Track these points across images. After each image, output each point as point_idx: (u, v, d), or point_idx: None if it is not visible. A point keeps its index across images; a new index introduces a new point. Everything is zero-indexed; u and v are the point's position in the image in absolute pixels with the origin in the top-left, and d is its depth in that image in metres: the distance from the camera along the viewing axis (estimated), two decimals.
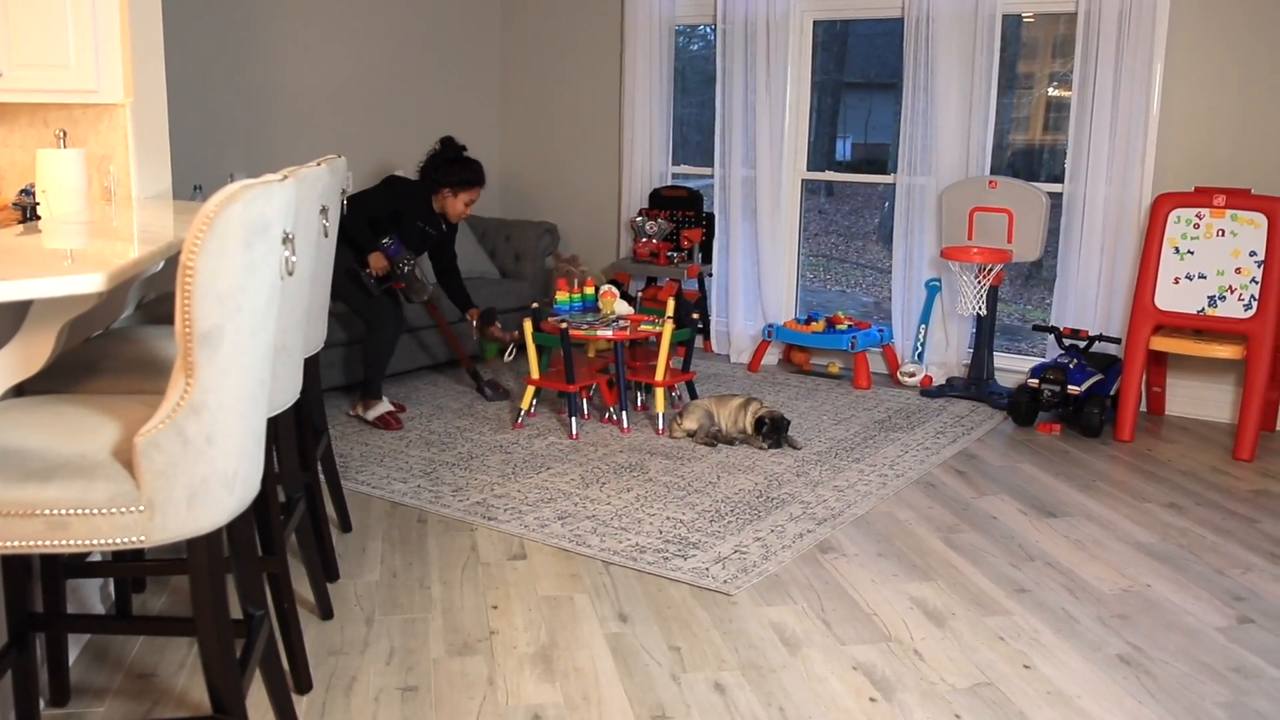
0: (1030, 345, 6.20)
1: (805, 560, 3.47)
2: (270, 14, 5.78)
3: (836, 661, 2.83)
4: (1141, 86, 5.08)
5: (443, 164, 5.01)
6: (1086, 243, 5.30)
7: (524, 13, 7.10)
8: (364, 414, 4.89)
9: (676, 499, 3.98)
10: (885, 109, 5.79)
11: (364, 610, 3.10)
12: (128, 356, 2.53)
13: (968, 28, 5.44)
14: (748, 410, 4.63)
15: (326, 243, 2.91)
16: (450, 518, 3.81)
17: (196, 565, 1.88)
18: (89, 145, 3.66)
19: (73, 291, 1.92)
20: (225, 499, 1.86)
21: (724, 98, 6.22)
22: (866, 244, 9.52)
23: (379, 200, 4.97)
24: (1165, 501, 4.10)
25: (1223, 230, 4.74)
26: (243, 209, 1.73)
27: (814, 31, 6.09)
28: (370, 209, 4.92)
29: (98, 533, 1.76)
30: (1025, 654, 2.88)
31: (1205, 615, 3.14)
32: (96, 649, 2.83)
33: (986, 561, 3.50)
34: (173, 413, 1.76)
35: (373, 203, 4.94)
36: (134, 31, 3.53)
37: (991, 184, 5.38)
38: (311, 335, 3.03)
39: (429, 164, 5.05)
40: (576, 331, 4.80)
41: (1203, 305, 4.76)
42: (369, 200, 4.95)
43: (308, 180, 2.45)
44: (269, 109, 5.85)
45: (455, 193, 5.03)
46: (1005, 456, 4.63)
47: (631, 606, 3.13)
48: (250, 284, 1.79)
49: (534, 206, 7.25)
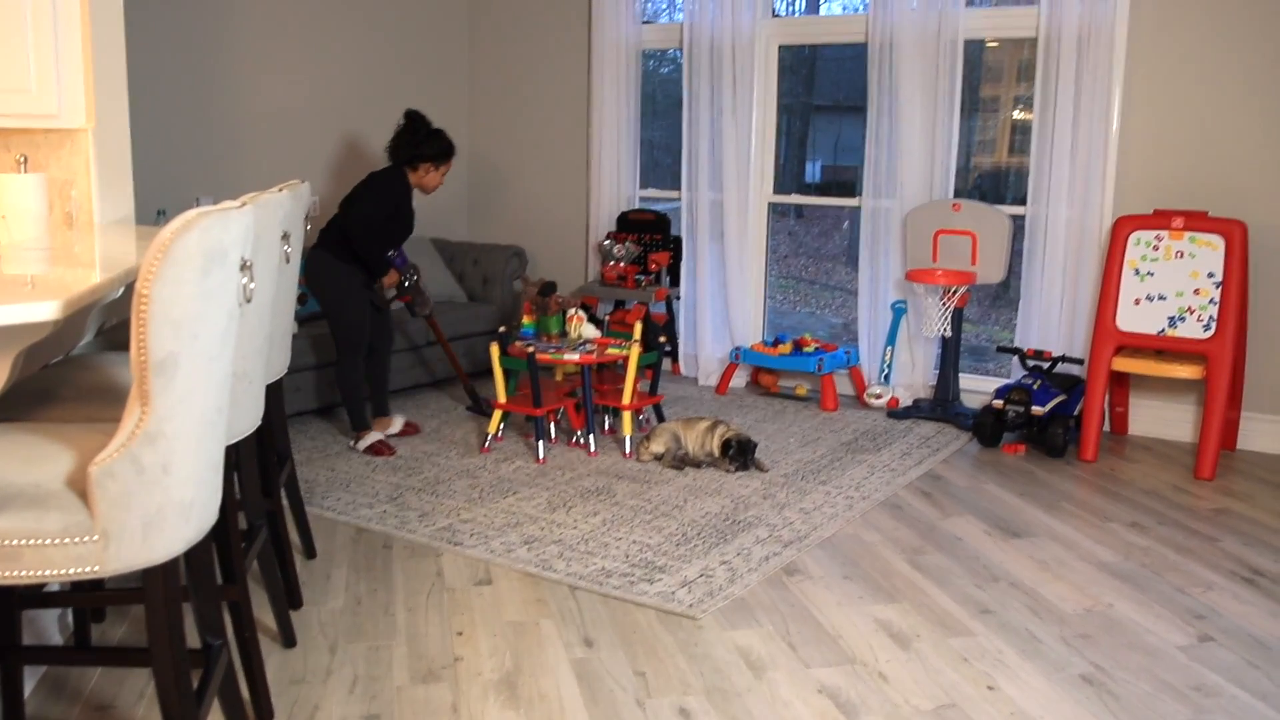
0: (996, 366, 6.26)
1: (771, 583, 3.48)
2: (236, 37, 5.77)
3: (801, 685, 2.83)
4: (1101, 110, 5.15)
5: (421, 138, 4.78)
6: (1049, 264, 5.36)
7: (491, 37, 7.12)
8: (356, 446, 4.85)
9: (643, 522, 3.98)
10: (854, 132, 5.85)
11: (327, 638, 3.07)
12: (86, 384, 2.51)
13: (930, 53, 5.51)
14: (715, 433, 4.64)
15: (289, 268, 2.90)
16: (416, 543, 3.79)
17: (152, 595, 1.86)
18: (50, 170, 3.63)
19: (27, 319, 1.90)
20: (182, 528, 1.85)
21: (690, 122, 6.25)
22: (835, 265, 9.58)
23: (382, 205, 4.74)
24: (1128, 521, 4.14)
25: (1181, 252, 4.81)
26: (199, 236, 1.72)
27: (780, 56, 6.14)
28: (375, 220, 4.71)
29: (50, 563, 1.75)
30: (989, 675, 2.90)
31: (1166, 634, 3.16)
32: (54, 680, 2.79)
33: (951, 582, 3.52)
34: (128, 441, 1.74)
35: (376, 212, 4.72)
36: (96, 56, 3.51)
37: (955, 207, 5.44)
38: (274, 361, 3.02)
39: (404, 142, 4.79)
40: (543, 355, 4.80)
41: (1163, 326, 4.82)
42: (372, 210, 4.71)
43: (268, 206, 2.44)
44: (235, 132, 5.84)
45: (437, 165, 4.83)
46: (971, 477, 4.66)
47: (597, 631, 3.12)
48: (207, 311, 1.79)
49: (502, 230, 7.25)
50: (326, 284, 4.73)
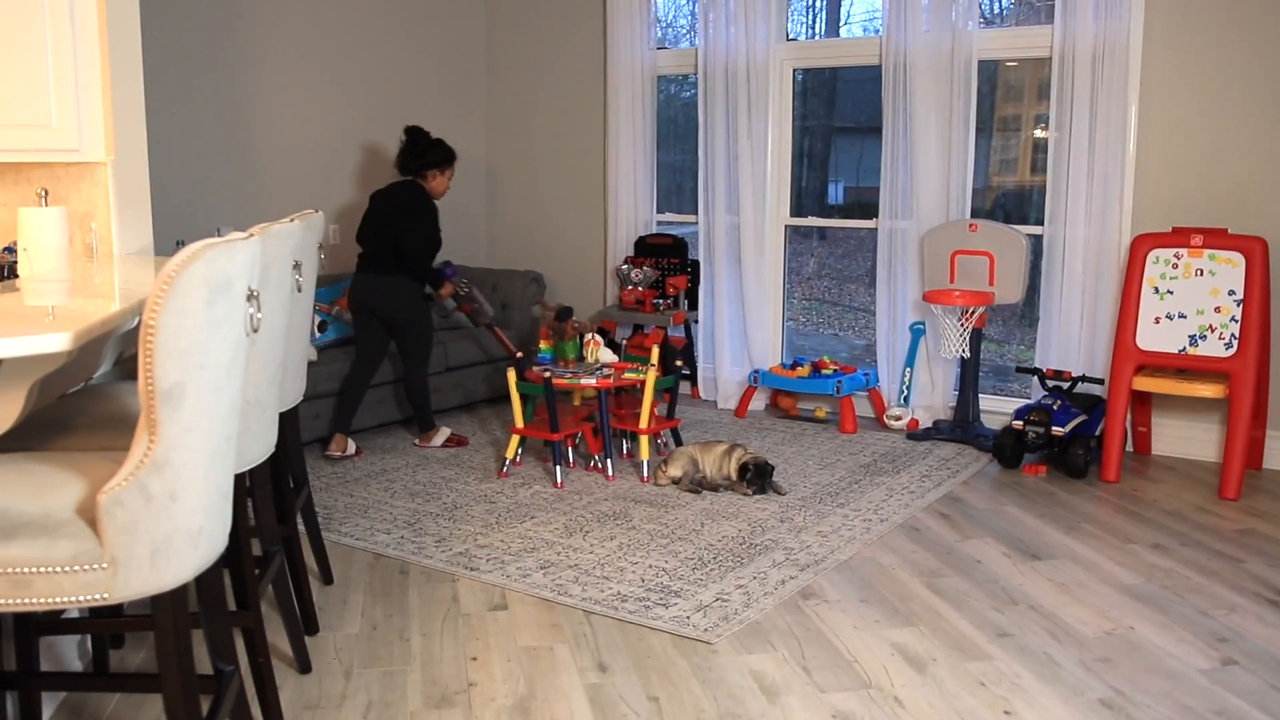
0: (1017, 386, 6.22)
1: (787, 607, 3.46)
2: (254, 67, 5.85)
3: (816, 710, 2.81)
4: (1117, 128, 5.14)
5: (425, 148, 5.22)
6: (1067, 284, 5.34)
7: (509, 63, 7.19)
8: (433, 443, 5.32)
9: (660, 547, 3.98)
10: (875, 152, 5.86)
11: (343, 663, 3.08)
12: (101, 413, 2.54)
13: (944, 74, 5.51)
14: (732, 456, 4.64)
15: (302, 297, 2.93)
16: (432, 568, 3.80)
17: (161, 622, 1.88)
18: (71, 203, 3.69)
19: (39, 351, 1.93)
20: (190, 555, 1.86)
21: (707, 146, 6.28)
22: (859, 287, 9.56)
23: (430, 222, 5.17)
24: (1150, 542, 4.09)
25: (1201, 270, 4.77)
26: (204, 267, 1.74)
27: (794, 79, 6.16)
28: (431, 237, 5.16)
29: (60, 591, 1.76)
30: (1006, 699, 2.87)
31: (1189, 657, 3.13)
32: (73, 706, 2.81)
33: (969, 606, 3.49)
34: (136, 470, 1.76)
35: (430, 229, 5.16)
36: (115, 90, 3.57)
37: (972, 227, 5.42)
38: (288, 388, 3.04)
39: (412, 154, 5.22)
40: (560, 380, 4.81)
41: (1184, 345, 4.79)
42: (426, 229, 5.14)
43: (278, 237, 2.47)
44: (254, 162, 5.91)
45: (442, 170, 5.26)
46: (990, 499, 4.63)
47: (611, 656, 3.12)
48: (213, 341, 1.81)
49: (520, 256, 7.29)
50: (408, 302, 5.19)
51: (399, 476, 4.87)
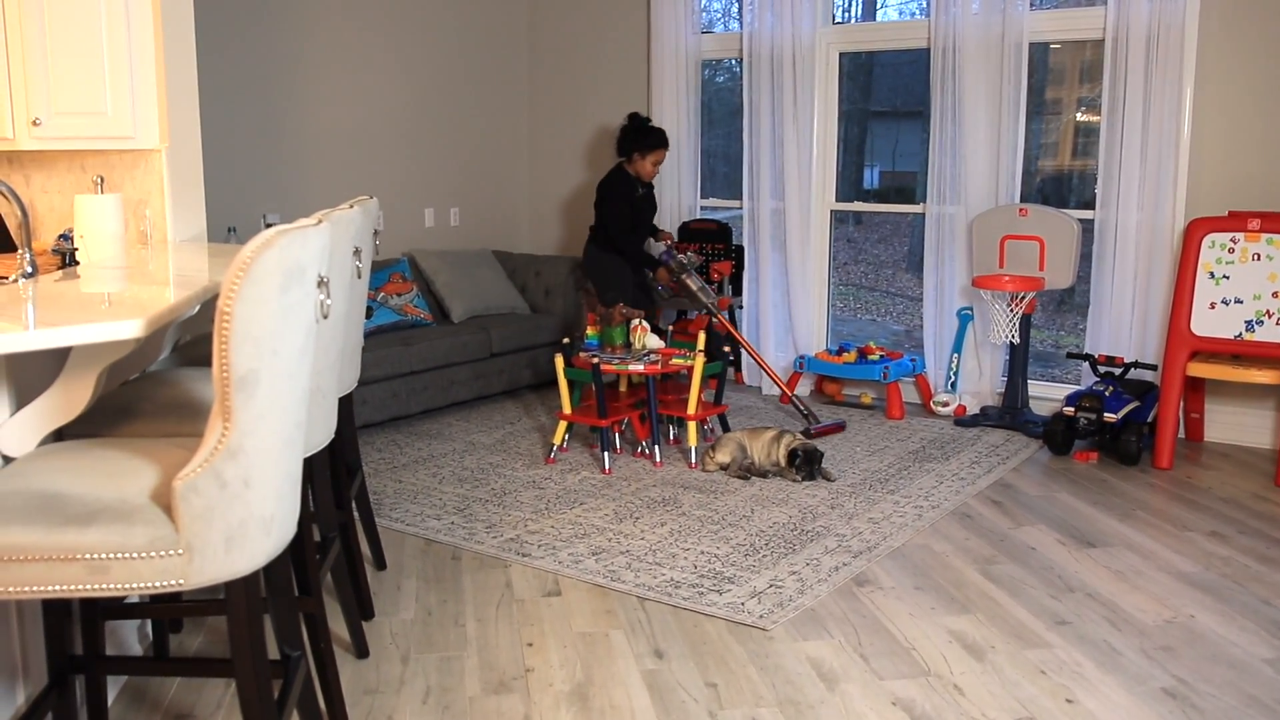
0: (1065, 372, 6.15)
1: (841, 594, 3.44)
2: (301, 57, 5.87)
3: (875, 697, 2.80)
4: (1171, 111, 5.05)
5: (631, 133, 5.71)
6: (1119, 269, 5.27)
7: (551, 48, 7.17)
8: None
9: (710, 533, 3.97)
10: (912, 137, 5.82)
11: (399, 649, 3.10)
12: (165, 399, 2.56)
13: (994, 56, 5.44)
14: (781, 442, 4.61)
15: (359, 284, 2.94)
16: (484, 554, 3.81)
17: (235, 608, 1.89)
18: (125, 190, 3.72)
19: (112, 338, 1.95)
20: (262, 541, 1.87)
21: (751, 131, 6.24)
22: (896, 272, 9.50)
23: (623, 213, 5.70)
24: (1207, 530, 4.04)
25: (1258, 254, 4.69)
26: (278, 254, 1.75)
27: (840, 62, 6.11)
28: (620, 214, 5.68)
29: (137, 576, 1.78)
30: (1068, 688, 2.84)
31: (1251, 646, 3.08)
32: (135, 690, 2.84)
33: (1025, 593, 3.46)
34: (210, 457, 1.77)
35: (622, 220, 5.70)
36: (169, 78, 3.60)
37: (1022, 212, 5.36)
38: (345, 375, 3.05)
39: (622, 139, 5.75)
40: (608, 366, 4.81)
41: (1240, 330, 4.71)
42: (611, 209, 5.70)
43: (340, 223, 2.48)
44: (301, 150, 5.93)
45: (643, 155, 5.70)
46: (1042, 486, 4.58)
47: (667, 642, 3.11)
48: (286, 328, 1.81)
49: (564, 241, 7.29)
50: (594, 270, 5.83)
51: (446, 462, 4.89)
